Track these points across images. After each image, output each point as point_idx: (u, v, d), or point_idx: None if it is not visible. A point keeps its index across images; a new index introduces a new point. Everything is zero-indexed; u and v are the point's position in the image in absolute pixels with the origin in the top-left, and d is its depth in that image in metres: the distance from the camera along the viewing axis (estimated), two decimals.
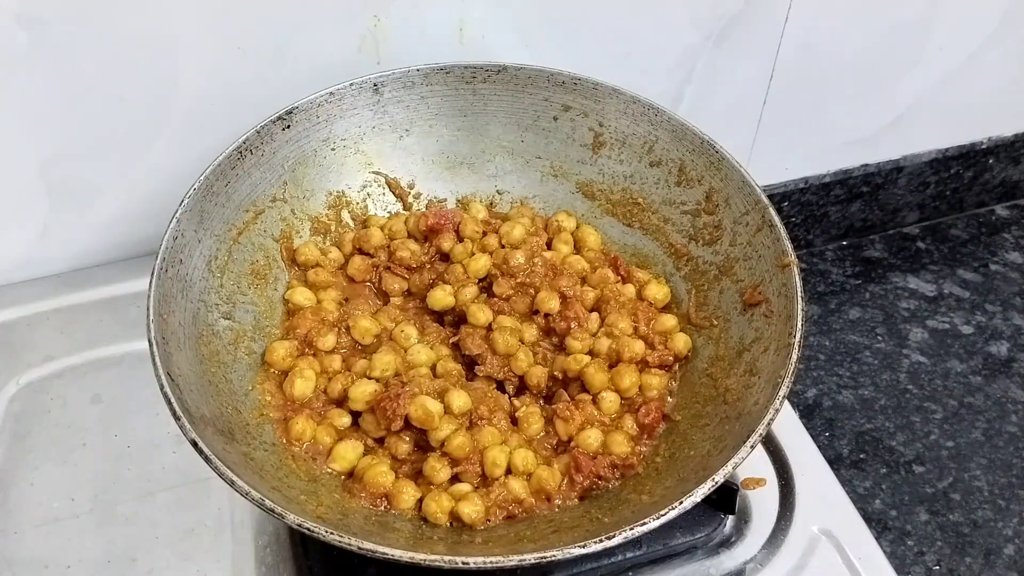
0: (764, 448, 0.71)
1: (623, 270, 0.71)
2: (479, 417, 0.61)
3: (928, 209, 1.17)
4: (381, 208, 0.75)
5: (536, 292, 0.67)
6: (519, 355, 0.65)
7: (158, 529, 0.64)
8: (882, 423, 0.95)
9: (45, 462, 0.68)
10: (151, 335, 0.54)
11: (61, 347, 0.75)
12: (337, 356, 0.65)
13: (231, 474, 0.49)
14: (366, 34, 0.75)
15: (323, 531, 0.47)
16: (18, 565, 0.62)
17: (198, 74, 0.73)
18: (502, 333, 0.65)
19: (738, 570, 0.64)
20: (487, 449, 0.59)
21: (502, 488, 0.58)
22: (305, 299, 0.67)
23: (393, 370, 0.62)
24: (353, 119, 0.72)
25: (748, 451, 0.51)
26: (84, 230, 0.80)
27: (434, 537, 0.56)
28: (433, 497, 0.57)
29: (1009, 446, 0.93)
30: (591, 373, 0.63)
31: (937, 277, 1.12)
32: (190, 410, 0.52)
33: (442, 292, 0.68)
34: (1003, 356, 1.03)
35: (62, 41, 0.67)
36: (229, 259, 0.65)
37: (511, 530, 0.57)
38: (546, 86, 0.73)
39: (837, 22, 0.89)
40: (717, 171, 0.68)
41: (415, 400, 0.59)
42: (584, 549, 0.48)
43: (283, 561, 0.63)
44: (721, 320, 0.66)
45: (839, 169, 1.06)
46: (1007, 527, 0.87)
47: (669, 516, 0.49)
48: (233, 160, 0.65)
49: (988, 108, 1.08)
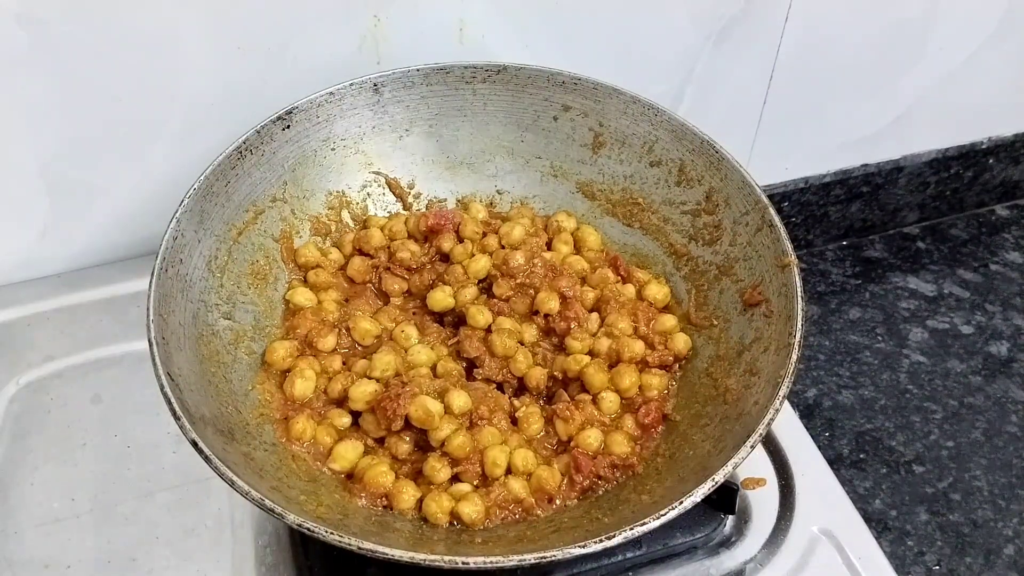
0: (764, 448, 0.71)
1: (623, 270, 0.71)
2: (479, 417, 0.61)
3: (928, 209, 1.17)
4: (381, 208, 0.75)
5: (536, 292, 0.67)
6: (518, 357, 0.65)
7: (158, 529, 0.64)
8: (882, 423, 0.95)
9: (45, 462, 0.68)
10: (151, 335, 0.54)
11: (61, 347, 0.75)
12: (337, 356, 0.65)
13: (231, 474, 0.49)
14: (366, 34, 0.75)
15: (323, 531, 0.48)
16: (18, 565, 0.62)
17: (198, 74, 0.73)
18: (500, 335, 0.65)
19: (738, 570, 0.64)
20: (487, 449, 0.59)
21: (502, 488, 0.58)
22: (306, 299, 0.67)
23: (393, 370, 0.62)
24: (353, 119, 0.72)
25: (748, 451, 0.51)
26: (84, 230, 0.80)
27: (434, 537, 0.56)
28: (433, 497, 0.57)
29: (1009, 446, 0.93)
30: (591, 373, 0.63)
31: (937, 277, 1.12)
32: (190, 410, 0.52)
33: (442, 293, 0.68)
34: (1003, 356, 1.03)
35: (62, 41, 0.67)
36: (229, 259, 0.65)
37: (511, 530, 0.57)
38: (546, 86, 0.73)
39: (837, 22, 0.89)
40: (717, 171, 0.68)
41: (415, 400, 0.59)
42: (584, 549, 0.48)
43: (283, 561, 0.63)
44: (721, 320, 0.66)
45: (839, 169, 1.06)
46: (1007, 527, 0.87)
47: (669, 516, 0.49)
48: (233, 160, 0.65)
49: (988, 108, 1.08)
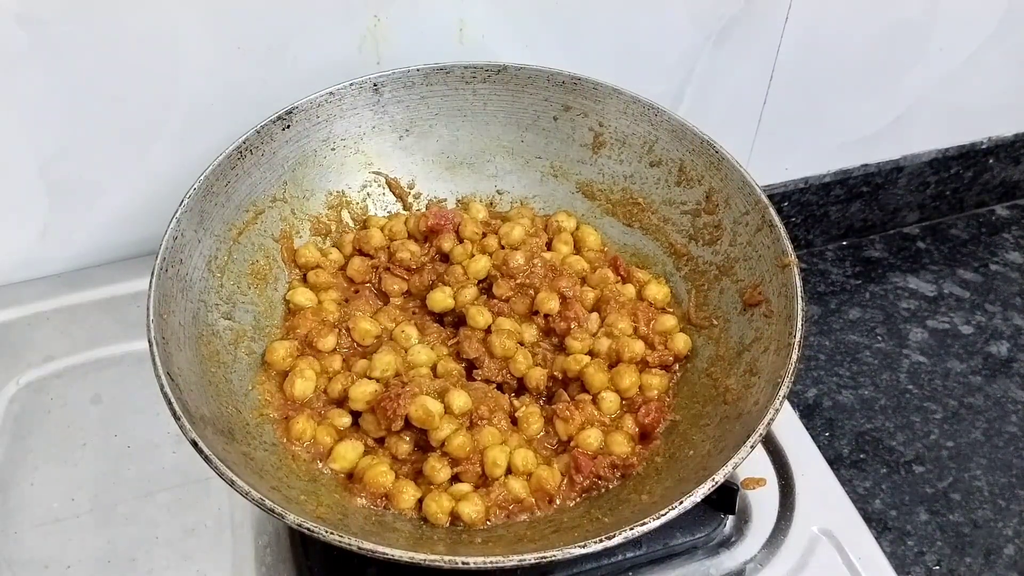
0: (764, 448, 0.71)
1: (623, 270, 0.71)
2: (479, 417, 0.61)
3: (928, 209, 1.17)
4: (381, 208, 0.75)
5: (536, 293, 0.67)
6: (517, 357, 0.65)
7: (158, 529, 0.64)
8: (882, 423, 0.95)
9: (45, 462, 0.68)
10: (151, 335, 0.54)
11: (61, 347, 0.75)
12: (337, 356, 0.65)
13: (231, 474, 0.49)
14: (366, 34, 0.75)
15: (323, 531, 0.48)
16: (18, 565, 0.62)
17: (198, 74, 0.73)
18: (500, 336, 0.64)
19: (738, 570, 0.64)
20: (487, 449, 0.59)
21: (502, 488, 0.58)
22: (306, 300, 0.67)
23: (393, 370, 0.62)
24: (353, 119, 0.72)
25: (748, 451, 0.51)
26: (84, 230, 0.80)
27: (434, 537, 0.56)
28: (433, 497, 0.57)
29: (1009, 446, 0.93)
30: (591, 373, 0.63)
31: (937, 277, 1.12)
32: (190, 410, 0.52)
33: (442, 294, 0.68)
34: (1003, 356, 1.03)
35: (62, 41, 0.67)
36: (229, 259, 0.65)
37: (511, 530, 0.57)
38: (546, 86, 0.73)
39: (837, 22, 0.89)
40: (717, 171, 0.68)
41: (415, 400, 0.59)
42: (584, 549, 0.48)
43: (283, 561, 0.63)
44: (721, 320, 0.66)
45: (839, 169, 1.06)
46: (1007, 527, 0.87)
47: (669, 516, 0.49)
48: (233, 160, 0.65)
49: (988, 108, 1.08)
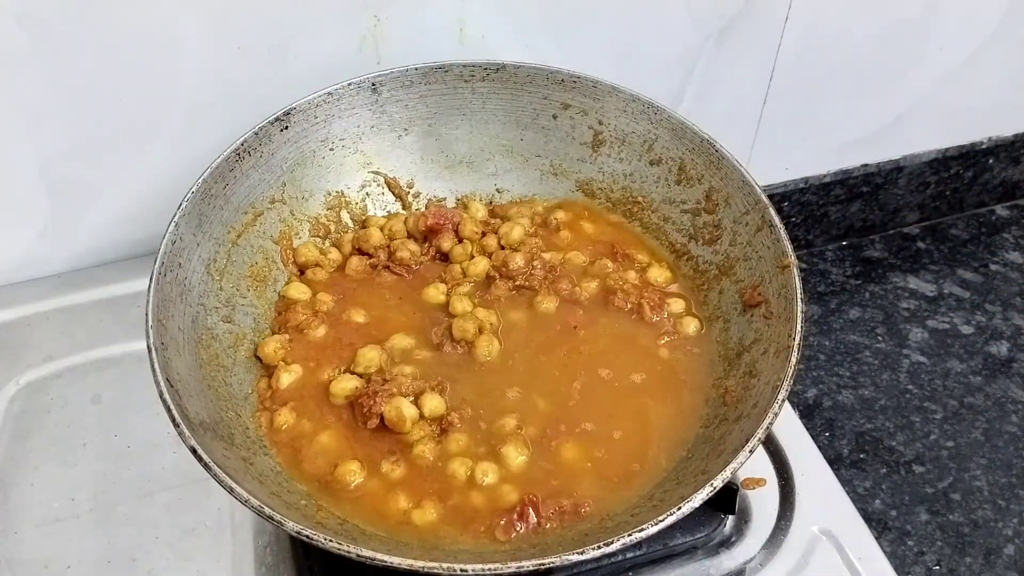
0: (764, 448, 0.71)
1: (620, 256, 0.70)
2: (448, 424, 0.60)
3: (928, 209, 1.17)
4: (380, 208, 0.75)
5: (535, 294, 0.67)
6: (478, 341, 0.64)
7: (158, 529, 0.64)
8: (882, 423, 0.95)
9: (45, 462, 0.68)
10: (150, 341, 0.54)
11: (61, 347, 0.75)
12: (328, 350, 0.65)
13: (230, 481, 0.48)
14: (366, 34, 0.75)
15: (321, 538, 0.47)
16: (18, 565, 0.62)
17: (198, 74, 0.72)
18: (463, 320, 0.64)
19: (738, 570, 0.64)
20: (450, 460, 0.59)
21: (462, 498, 0.57)
22: (300, 293, 0.67)
23: (377, 366, 0.62)
24: (352, 119, 0.71)
25: (747, 455, 0.51)
26: (84, 230, 0.80)
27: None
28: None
29: (1009, 446, 0.93)
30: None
31: (937, 277, 1.12)
32: (189, 416, 0.52)
33: (435, 290, 0.68)
34: (1003, 356, 1.02)
35: (62, 41, 0.67)
36: (228, 262, 0.64)
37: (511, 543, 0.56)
38: (545, 84, 0.72)
39: (837, 22, 0.89)
40: (717, 170, 0.68)
41: (391, 400, 0.59)
42: (583, 555, 0.48)
43: (283, 561, 0.63)
44: (721, 320, 0.66)
45: (839, 169, 1.06)
46: (1007, 527, 0.87)
47: (668, 522, 0.48)
48: (231, 162, 0.65)
49: (988, 108, 1.07)
